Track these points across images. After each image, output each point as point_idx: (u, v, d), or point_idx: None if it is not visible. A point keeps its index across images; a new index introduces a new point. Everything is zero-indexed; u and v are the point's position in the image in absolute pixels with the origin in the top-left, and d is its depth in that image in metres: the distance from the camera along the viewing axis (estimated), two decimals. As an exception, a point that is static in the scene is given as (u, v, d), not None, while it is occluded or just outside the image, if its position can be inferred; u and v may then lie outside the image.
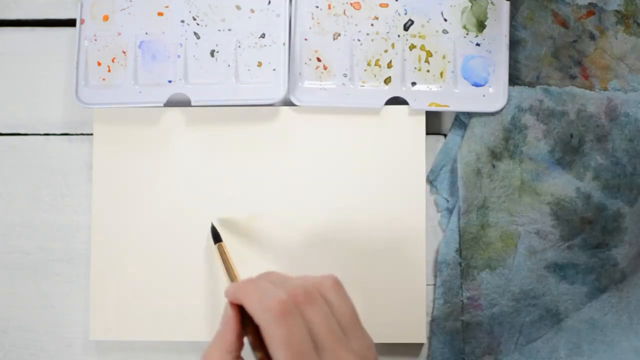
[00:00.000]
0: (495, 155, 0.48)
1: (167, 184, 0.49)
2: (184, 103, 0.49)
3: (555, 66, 0.49)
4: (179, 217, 0.48)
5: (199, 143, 0.49)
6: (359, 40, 0.49)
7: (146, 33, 0.49)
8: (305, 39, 0.49)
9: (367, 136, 0.48)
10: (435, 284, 0.49)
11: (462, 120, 0.49)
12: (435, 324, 0.48)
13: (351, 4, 0.49)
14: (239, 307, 0.36)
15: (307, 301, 0.35)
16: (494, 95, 0.48)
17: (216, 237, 0.46)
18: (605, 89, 0.49)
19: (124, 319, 0.48)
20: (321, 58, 0.49)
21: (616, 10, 0.49)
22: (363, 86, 0.49)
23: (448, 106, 0.48)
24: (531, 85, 0.49)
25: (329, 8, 0.49)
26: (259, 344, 0.35)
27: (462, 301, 0.48)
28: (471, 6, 0.49)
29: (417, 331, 0.48)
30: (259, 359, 0.35)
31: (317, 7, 0.49)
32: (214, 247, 0.46)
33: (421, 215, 0.48)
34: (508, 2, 0.48)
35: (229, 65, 0.49)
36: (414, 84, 0.49)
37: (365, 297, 0.47)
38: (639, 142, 0.48)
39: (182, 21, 0.49)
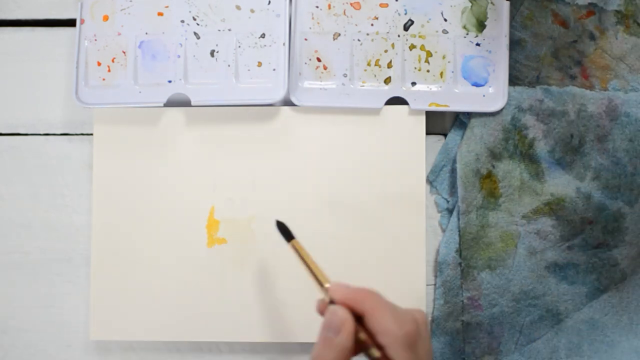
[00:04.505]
0: (494, 156, 0.48)
1: (167, 183, 0.49)
2: (184, 103, 0.49)
3: (555, 66, 0.49)
4: (179, 217, 0.48)
5: (199, 143, 0.49)
6: (359, 40, 0.49)
7: (146, 33, 0.49)
8: (305, 39, 0.49)
9: (367, 136, 0.48)
10: (435, 284, 0.49)
11: (462, 120, 0.49)
12: (435, 324, 0.48)
13: (351, 4, 0.49)
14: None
15: (420, 334, 0.36)
16: (494, 95, 0.48)
17: (288, 235, 0.42)
18: (605, 89, 0.49)
19: (124, 319, 0.48)
20: (321, 58, 0.49)
21: (616, 10, 0.49)
22: (363, 86, 0.49)
23: (448, 106, 0.48)
24: (531, 85, 0.49)
25: (329, 8, 0.49)
26: (375, 343, 0.35)
27: (462, 301, 0.48)
28: (471, 6, 0.49)
29: (417, 331, 0.48)
30: (375, 357, 0.35)
31: (317, 7, 0.49)
32: (287, 246, 0.42)
33: (421, 215, 0.48)
34: (508, 2, 0.48)
35: (229, 65, 0.49)
36: (414, 84, 0.49)
37: (365, 297, 0.47)
38: (639, 142, 0.48)
39: (182, 21, 0.49)
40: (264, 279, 0.48)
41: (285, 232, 0.42)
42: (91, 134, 0.50)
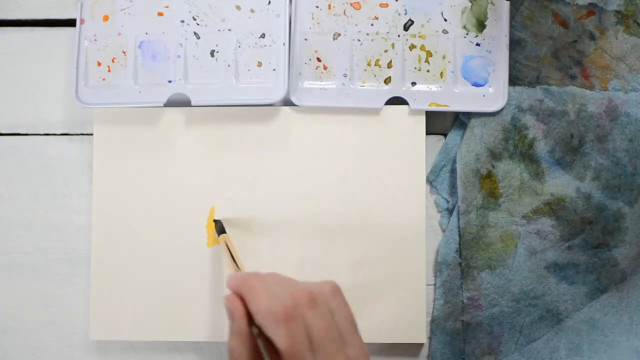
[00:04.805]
0: (494, 156, 0.48)
1: (167, 183, 0.49)
2: (184, 103, 0.49)
3: (555, 66, 0.49)
4: (179, 217, 0.48)
5: (199, 143, 0.49)
6: (359, 40, 0.49)
7: (146, 33, 0.49)
8: (305, 39, 0.49)
9: (367, 136, 0.48)
10: (435, 284, 0.49)
11: (462, 120, 0.49)
12: (435, 324, 0.48)
13: (351, 4, 0.49)
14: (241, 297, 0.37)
15: (309, 305, 0.35)
16: (494, 95, 0.48)
17: (220, 230, 0.47)
18: (605, 89, 0.49)
19: (124, 319, 0.48)
20: (321, 58, 0.49)
21: (616, 10, 0.49)
22: (363, 86, 0.49)
23: (448, 106, 0.48)
24: (531, 85, 0.49)
25: (329, 8, 0.49)
26: (255, 323, 0.36)
27: (462, 301, 0.48)
28: (471, 6, 0.49)
29: (417, 331, 0.48)
30: (256, 334, 0.36)
31: (317, 7, 0.49)
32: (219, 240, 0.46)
33: (421, 215, 0.48)
34: (508, 2, 0.48)
35: (229, 65, 0.49)
36: (414, 84, 0.49)
37: (365, 297, 0.47)
38: (639, 142, 0.48)
39: (182, 21, 0.49)
40: (264, 279, 0.48)
41: (220, 228, 0.47)
42: (91, 134, 0.50)
